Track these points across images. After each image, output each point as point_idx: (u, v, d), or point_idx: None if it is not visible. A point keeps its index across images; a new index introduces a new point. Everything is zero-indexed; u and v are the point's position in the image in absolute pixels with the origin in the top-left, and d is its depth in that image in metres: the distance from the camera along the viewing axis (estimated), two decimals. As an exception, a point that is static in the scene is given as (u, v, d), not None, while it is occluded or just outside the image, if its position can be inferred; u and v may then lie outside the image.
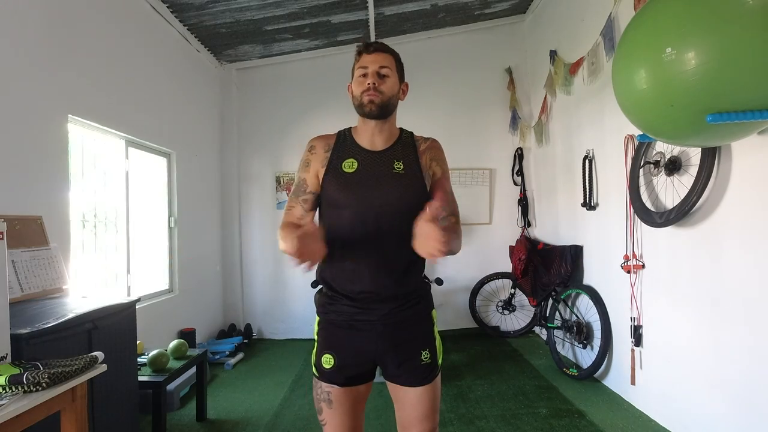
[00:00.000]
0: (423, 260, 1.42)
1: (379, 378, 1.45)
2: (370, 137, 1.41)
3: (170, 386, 3.04)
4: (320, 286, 1.47)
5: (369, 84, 1.33)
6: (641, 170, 2.75)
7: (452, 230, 1.26)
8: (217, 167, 4.89)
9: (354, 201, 1.35)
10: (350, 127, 1.48)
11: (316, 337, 1.43)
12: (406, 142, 1.45)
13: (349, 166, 1.38)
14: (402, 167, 1.39)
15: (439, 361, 1.42)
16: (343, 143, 1.43)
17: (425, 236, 1.14)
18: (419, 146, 1.45)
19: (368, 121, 1.39)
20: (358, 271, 1.35)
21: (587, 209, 3.51)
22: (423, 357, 1.37)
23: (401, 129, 1.49)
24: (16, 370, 1.36)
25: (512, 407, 2.96)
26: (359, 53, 1.38)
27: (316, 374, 1.40)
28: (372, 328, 1.35)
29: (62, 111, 2.62)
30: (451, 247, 1.18)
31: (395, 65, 1.40)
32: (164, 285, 3.89)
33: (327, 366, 1.37)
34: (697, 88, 1.54)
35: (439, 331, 1.48)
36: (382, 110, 1.35)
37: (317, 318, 1.45)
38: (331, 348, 1.37)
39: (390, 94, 1.36)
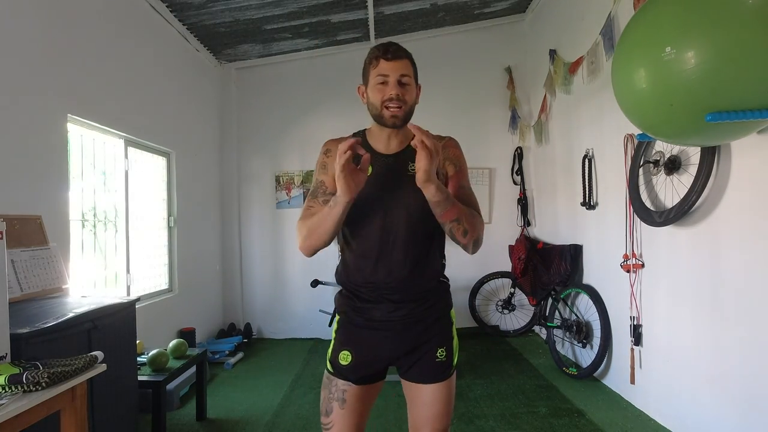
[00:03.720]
0: (438, 261, 1.43)
1: (389, 377, 1.45)
2: (386, 141, 1.39)
3: (170, 386, 3.03)
4: (340, 288, 1.48)
5: (392, 95, 1.28)
6: (641, 169, 2.75)
7: (464, 212, 1.28)
8: (216, 167, 4.89)
9: (371, 203, 1.34)
10: (364, 130, 1.45)
11: (333, 335, 1.44)
12: None
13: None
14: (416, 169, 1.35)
15: (455, 361, 1.42)
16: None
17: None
18: None
19: (385, 128, 1.36)
20: (376, 271, 1.35)
21: (587, 208, 3.51)
22: (439, 354, 1.38)
23: None
24: (16, 370, 1.35)
25: (512, 406, 2.96)
26: (376, 58, 1.32)
27: (331, 371, 1.39)
28: (391, 327, 1.36)
29: (61, 110, 2.62)
30: (475, 233, 1.28)
31: (413, 71, 1.34)
32: (164, 284, 3.89)
33: (344, 362, 1.37)
34: (696, 88, 1.54)
35: None
36: (404, 121, 1.33)
37: (337, 317, 1.46)
38: (350, 345, 1.38)
39: (411, 102, 1.33)
